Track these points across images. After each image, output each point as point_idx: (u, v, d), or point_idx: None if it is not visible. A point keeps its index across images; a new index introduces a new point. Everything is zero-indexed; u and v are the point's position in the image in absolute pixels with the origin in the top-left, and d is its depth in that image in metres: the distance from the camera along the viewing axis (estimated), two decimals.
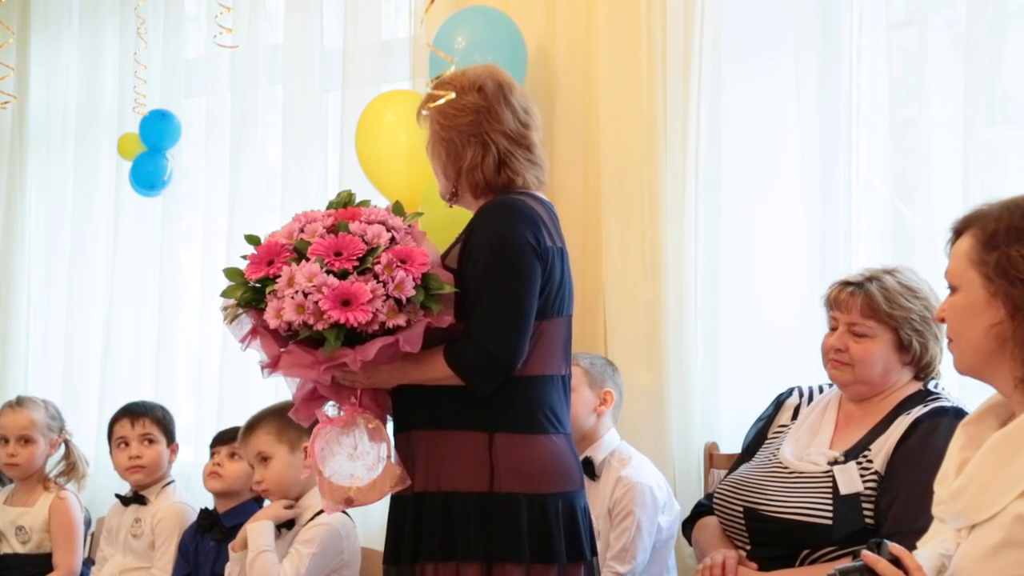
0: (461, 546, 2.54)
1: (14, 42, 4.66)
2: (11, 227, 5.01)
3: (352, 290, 2.41)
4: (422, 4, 3.95)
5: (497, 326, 2.54)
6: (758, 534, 2.80)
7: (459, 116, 2.71)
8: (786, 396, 3.06)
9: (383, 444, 2.62)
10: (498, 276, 2.56)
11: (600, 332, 3.71)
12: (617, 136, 3.68)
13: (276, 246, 2.52)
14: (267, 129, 4.52)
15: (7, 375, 4.96)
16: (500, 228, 2.60)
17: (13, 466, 3.98)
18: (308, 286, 2.41)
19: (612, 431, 3.38)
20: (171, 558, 3.71)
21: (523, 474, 2.57)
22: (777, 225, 3.56)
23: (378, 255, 2.45)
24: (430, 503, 2.59)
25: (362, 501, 2.62)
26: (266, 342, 2.55)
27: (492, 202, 2.68)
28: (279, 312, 2.43)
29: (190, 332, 4.65)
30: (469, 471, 2.56)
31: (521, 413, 2.60)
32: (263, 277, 2.50)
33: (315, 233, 2.51)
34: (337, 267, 2.43)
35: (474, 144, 2.69)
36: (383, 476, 2.59)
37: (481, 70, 2.78)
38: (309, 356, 2.49)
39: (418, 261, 2.47)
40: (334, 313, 2.39)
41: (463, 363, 2.55)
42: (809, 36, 3.54)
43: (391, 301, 2.44)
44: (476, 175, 2.70)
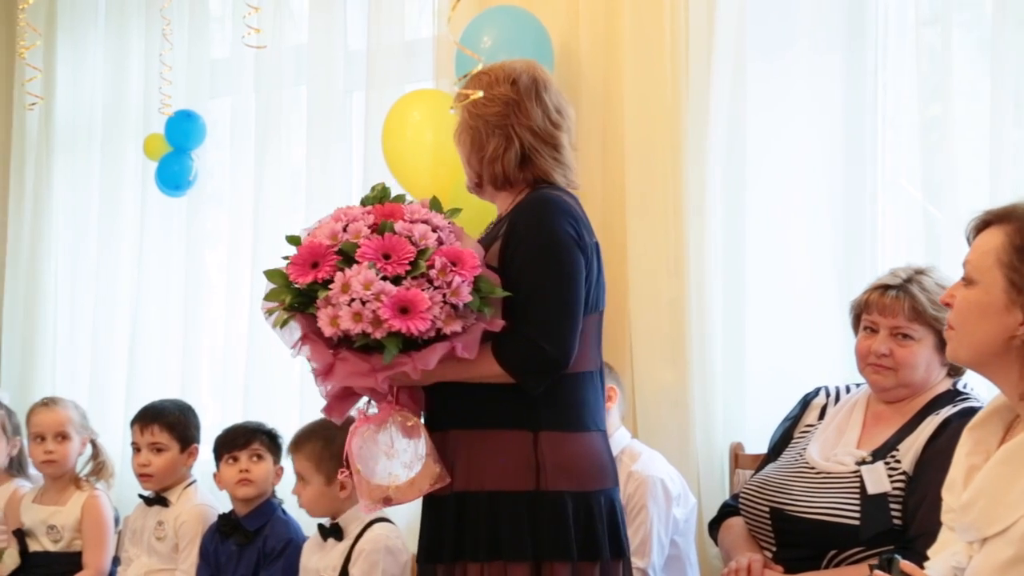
0: (508, 546, 2.53)
1: (41, 44, 4.69)
2: (38, 228, 5.04)
3: (411, 298, 2.37)
4: (446, 4, 3.95)
5: (549, 322, 2.52)
6: (784, 534, 2.79)
7: (488, 106, 2.69)
8: (813, 396, 3.05)
9: (420, 442, 2.59)
10: (547, 273, 2.54)
11: (625, 331, 3.70)
12: (641, 134, 3.68)
13: (319, 247, 2.47)
14: (291, 129, 4.52)
15: (35, 376, 4.98)
16: (544, 224, 2.58)
17: (50, 463, 3.97)
18: (366, 294, 2.37)
19: (621, 429, 3.40)
20: (195, 560, 3.72)
21: (569, 472, 2.56)
22: (802, 224, 3.55)
23: (429, 257, 2.42)
24: (472, 503, 2.57)
25: (400, 500, 2.60)
26: (316, 349, 2.50)
27: (531, 196, 2.66)
28: (334, 319, 2.40)
29: (215, 332, 4.66)
30: (515, 470, 2.55)
31: (564, 410, 2.59)
32: (312, 282, 2.44)
33: (359, 233, 2.46)
34: (390, 272, 2.39)
35: (498, 136, 2.68)
36: (421, 474, 2.57)
37: (521, 64, 2.77)
38: (365, 364, 2.45)
39: (469, 264, 2.44)
40: (395, 323, 2.36)
41: (517, 362, 2.53)
42: (834, 34, 3.53)
43: (448, 307, 2.41)
44: (497, 167, 2.68)
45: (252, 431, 3.71)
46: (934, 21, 3.40)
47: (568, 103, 2.81)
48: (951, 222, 3.30)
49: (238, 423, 3.83)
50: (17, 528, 3.99)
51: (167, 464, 3.81)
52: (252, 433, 3.70)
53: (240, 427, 3.77)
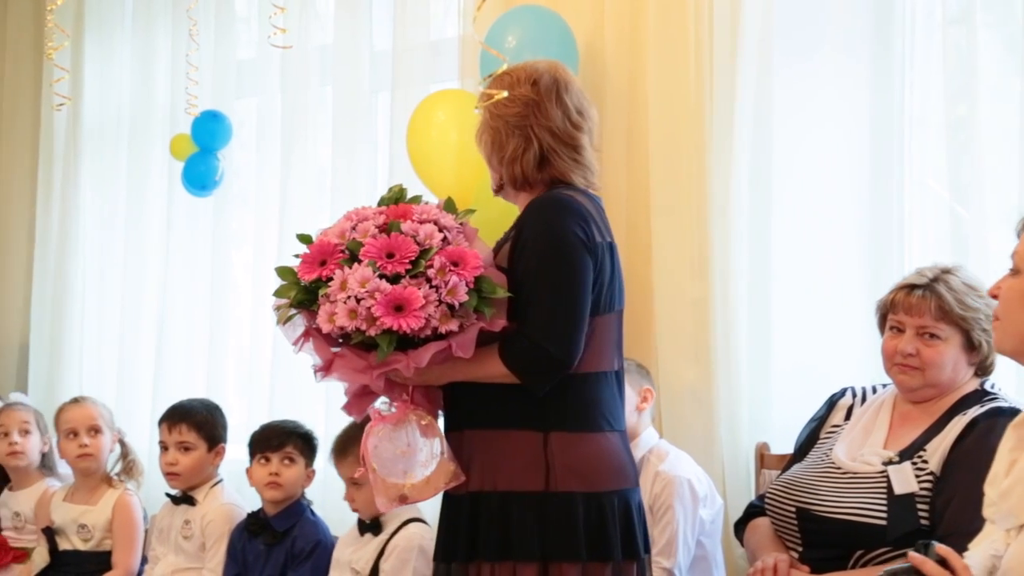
0: (518, 546, 2.54)
1: (69, 45, 4.71)
2: (66, 228, 5.07)
3: (405, 295, 2.40)
4: (471, 4, 3.96)
5: (554, 324, 2.52)
6: (811, 535, 2.78)
7: (508, 107, 2.70)
8: (839, 396, 3.04)
9: (436, 440, 2.61)
10: (551, 273, 2.54)
11: (649, 331, 3.70)
12: (666, 134, 3.67)
13: (328, 246, 2.51)
14: (317, 129, 4.53)
15: (62, 376, 5.01)
16: (550, 224, 2.58)
17: (86, 456, 4.00)
18: (361, 291, 2.40)
19: (650, 428, 3.41)
20: (221, 559, 3.73)
21: (579, 472, 2.56)
22: (829, 224, 3.55)
23: (430, 257, 2.44)
24: (485, 503, 2.58)
25: (416, 498, 2.63)
26: (319, 345, 2.54)
27: (540, 198, 2.66)
28: (331, 316, 2.43)
29: (241, 332, 4.68)
30: (525, 471, 2.56)
31: (575, 411, 2.59)
32: (316, 279, 2.48)
33: (367, 232, 2.49)
34: (390, 270, 2.42)
35: (517, 136, 2.68)
36: (437, 472, 2.58)
37: (544, 65, 2.77)
38: (362, 360, 2.49)
39: (471, 264, 2.46)
40: (387, 320, 2.39)
41: (520, 363, 2.53)
42: (861, 33, 3.52)
43: (444, 306, 2.43)
44: (516, 168, 2.69)
45: (287, 433, 3.71)
46: (961, 20, 3.39)
47: (591, 104, 2.80)
48: (978, 221, 3.30)
49: (275, 422, 3.83)
50: (47, 526, 4.03)
51: (194, 463, 3.83)
52: (287, 435, 3.70)
53: (275, 427, 3.77)
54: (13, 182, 5.28)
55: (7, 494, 4.23)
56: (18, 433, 4.16)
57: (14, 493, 4.22)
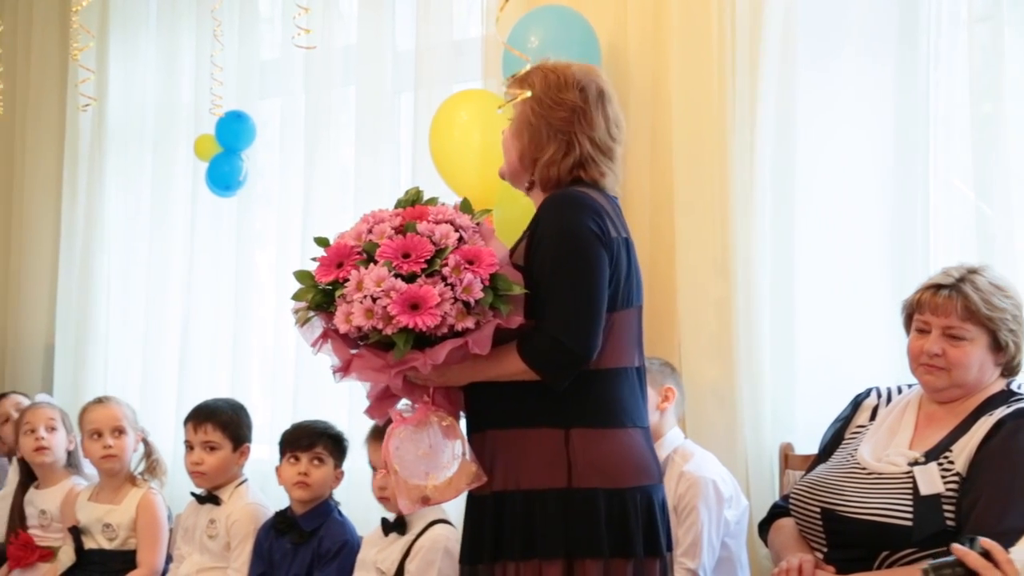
0: (542, 544, 2.53)
1: (94, 46, 4.75)
2: (91, 228, 5.10)
3: (420, 294, 2.41)
4: (494, 4, 3.97)
5: (569, 317, 2.52)
6: (836, 535, 2.77)
7: (554, 110, 2.67)
8: (864, 396, 3.03)
9: (457, 441, 2.61)
10: (566, 268, 2.54)
11: (673, 331, 3.69)
12: (689, 134, 3.67)
13: (345, 248, 2.52)
14: (340, 129, 4.55)
15: (87, 375, 5.04)
16: (564, 220, 2.58)
17: (110, 457, 4.01)
18: (376, 290, 2.41)
19: (675, 428, 3.40)
20: (247, 559, 3.74)
21: (601, 469, 2.55)
22: (853, 222, 3.54)
23: (446, 256, 2.45)
24: (510, 502, 2.58)
25: (438, 499, 2.63)
26: (337, 346, 2.55)
27: (553, 195, 2.66)
28: (348, 317, 2.44)
29: (265, 331, 4.69)
30: (547, 468, 2.55)
31: (595, 407, 2.59)
32: (333, 281, 2.50)
33: (383, 234, 2.50)
34: (405, 270, 2.43)
35: (559, 140, 2.67)
36: (459, 474, 2.59)
37: (584, 70, 2.74)
38: (379, 360, 2.49)
39: (486, 262, 2.46)
40: (403, 318, 2.39)
41: (537, 357, 2.53)
42: (886, 31, 3.52)
43: (459, 304, 2.43)
44: (551, 171, 2.68)
45: (318, 433, 3.72)
46: (986, 18, 3.38)
47: (623, 114, 2.80)
48: (1004, 220, 3.28)
49: (306, 422, 3.83)
50: (73, 525, 4.05)
51: (220, 463, 3.84)
52: (317, 436, 3.71)
53: (306, 427, 3.77)
54: (39, 183, 5.31)
55: (33, 492, 4.26)
56: (44, 429, 4.19)
57: (40, 491, 4.24)
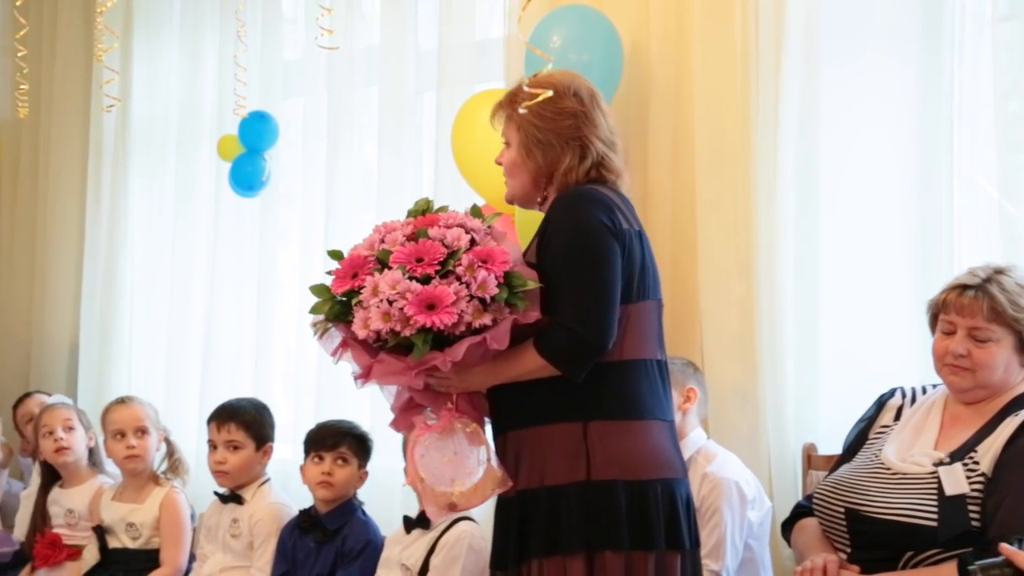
0: (565, 539, 2.53)
1: (118, 46, 4.77)
2: (114, 228, 5.12)
3: (436, 293, 2.42)
4: (516, 4, 3.97)
5: (583, 308, 2.52)
6: (860, 535, 2.76)
7: (559, 119, 2.70)
8: (888, 396, 3.02)
9: (482, 447, 2.62)
10: (576, 259, 2.55)
11: (695, 330, 3.69)
12: (712, 133, 3.66)
13: (359, 259, 2.55)
14: (363, 129, 4.56)
15: (111, 375, 5.06)
16: (574, 214, 2.59)
17: (133, 458, 4.03)
18: (392, 293, 2.42)
19: (698, 429, 3.38)
20: (270, 558, 3.75)
21: (620, 460, 2.55)
22: (876, 222, 3.52)
23: (459, 257, 2.46)
24: (533, 500, 2.58)
25: (465, 505, 2.64)
26: (357, 353, 2.56)
27: (563, 194, 2.68)
28: (366, 322, 2.45)
29: (287, 331, 4.70)
30: (567, 463, 2.55)
31: (614, 400, 2.58)
32: (349, 290, 2.52)
33: (396, 242, 2.53)
34: (419, 272, 2.45)
35: (573, 147, 2.69)
36: (484, 480, 2.60)
37: (568, 76, 2.78)
38: (400, 363, 2.50)
39: (499, 260, 2.48)
40: (420, 318, 2.41)
41: (554, 350, 2.53)
42: (909, 29, 3.50)
43: (475, 301, 2.45)
44: (571, 177, 2.69)
45: (342, 433, 3.73)
46: (1011, 17, 3.37)
47: None
48: None
49: (331, 421, 3.84)
50: (97, 525, 4.07)
51: (243, 462, 3.86)
52: (341, 436, 3.72)
53: (331, 427, 3.78)
54: (63, 183, 5.34)
55: (58, 492, 4.28)
56: (62, 430, 4.21)
57: (66, 491, 4.26)
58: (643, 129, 3.79)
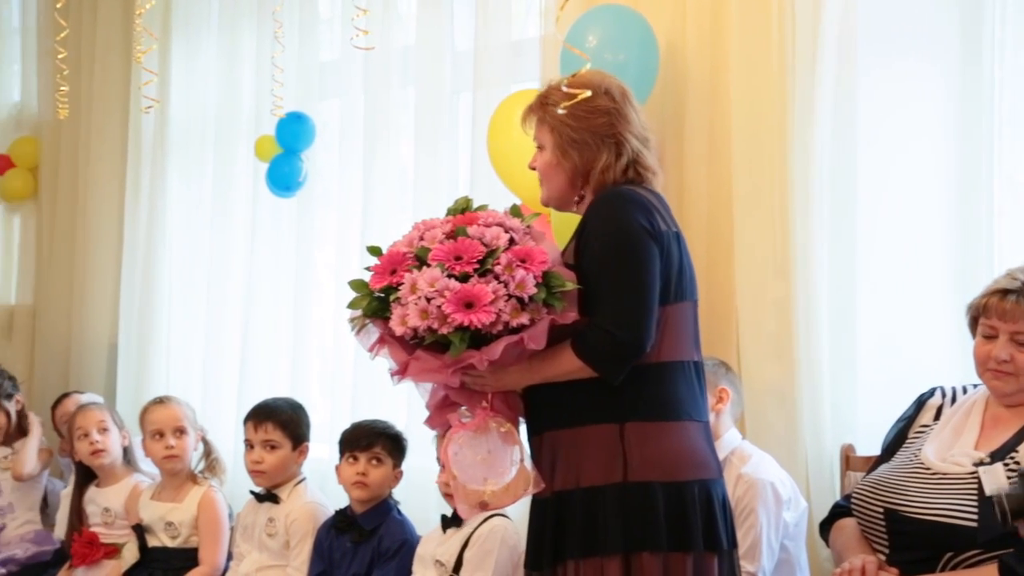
0: (602, 540, 2.53)
1: (156, 48, 4.78)
2: (153, 229, 5.15)
3: (474, 292, 2.42)
4: (552, 4, 3.96)
5: (621, 310, 2.52)
6: (899, 536, 2.74)
7: (592, 118, 2.69)
8: (928, 396, 3.00)
9: (516, 448, 2.62)
10: (615, 261, 2.54)
11: (732, 330, 3.67)
12: (749, 132, 3.64)
13: (398, 255, 2.55)
14: (399, 130, 4.56)
15: (150, 374, 5.09)
16: (612, 216, 2.59)
17: (172, 457, 4.06)
18: (430, 291, 2.42)
19: (732, 430, 3.37)
20: (306, 558, 3.77)
21: (657, 461, 2.54)
22: (915, 221, 3.50)
23: (498, 256, 2.46)
24: (569, 501, 2.58)
25: (496, 505, 2.65)
26: (394, 350, 2.56)
27: (601, 195, 2.67)
28: (404, 319, 2.45)
29: (324, 331, 4.71)
30: (604, 464, 2.55)
31: (651, 401, 2.58)
32: (387, 286, 2.52)
33: (435, 240, 2.53)
34: (458, 271, 2.44)
35: (609, 145, 2.69)
36: (516, 480, 2.59)
37: (598, 75, 2.77)
38: (436, 360, 2.50)
39: (538, 259, 2.48)
40: (458, 316, 2.41)
41: (592, 351, 2.53)
42: (948, 28, 3.48)
43: (513, 300, 2.44)
44: (608, 176, 2.69)
45: (376, 433, 3.73)
46: None
47: None
48: None
49: (365, 421, 3.85)
50: (136, 523, 4.09)
51: (279, 461, 3.87)
52: (376, 436, 3.72)
53: (365, 427, 3.79)
54: (102, 184, 5.37)
55: (94, 491, 4.31)
56: (97, 432, 4.24)
57: (102, 490, 4.29)
58: (679, 129, 3.78)
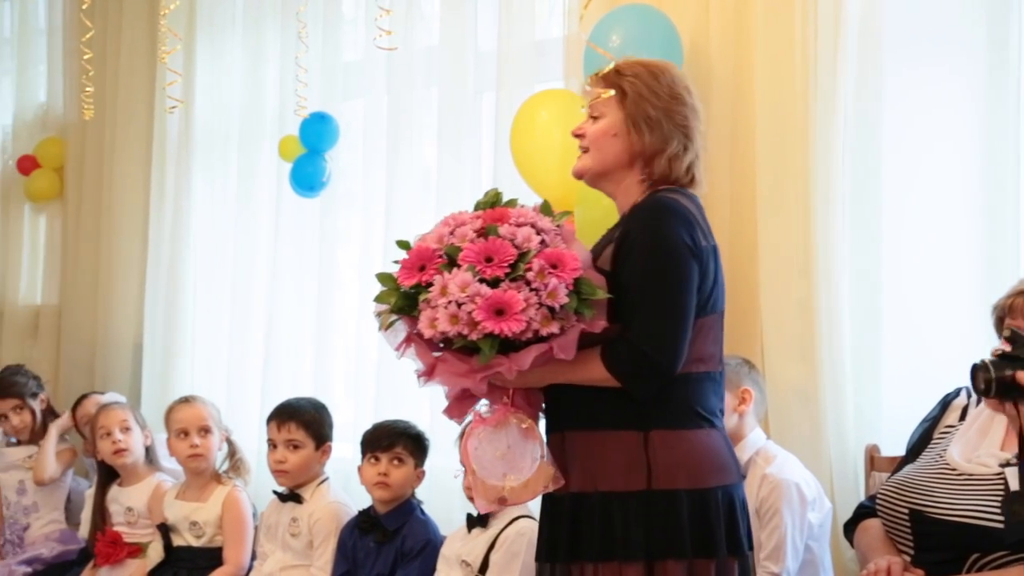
0: (622, 546, 2.52)
1: (181, 48, 4.81)
2: (178, 229, 5.16)
3: (505, 299, 2.39)
4: (576, 4, 3.96)
5: (656, 330, 2.51)
6: (924, 537, 2.73)
7: (674, 103, 2.68)
8: (953, 396, 2.98)
9: (536, 443, 2.59)
10: (656, 279, 2.53)
11: (756, 330, 3.66)
12: (772, 132, 3.64)
13: (427, 251, 2.51)
14: (422, 130, 4.56)
15: (174, 374, 5.10)
16: (657, 229, 2.56)
17: (196, 456, 4.08)
18: (462, 296, 2.40)
19: (757, 430, 3.36)
20: (330, 558, 3.78)
21: (681, 469, 2.54)
22: (940, 220, 3.49)
23: (529, 260, 2.43)
24: (587, 504, 2.57)
25: (515, 500, 2.62)
26: (421, 350, 2.54)
27: (646, 202, 2.65)
28: (433, 322, 2.43)
29: (347, 331, 4.72)
30: (625, 471, 2.54)
31: (676, 410, 2.57)
32: (416, 284, 2.49)
33: (465, 237, 2.49)
34: (489, 274, 2.41)
35: (679, 136, 2.67)
36: (536, 476, 2.57)
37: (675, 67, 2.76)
38: (464, 364, 2.48)
39: (570, 266, 2.44)
40: (488, 324, 2.38)
41: (621, 367, 2.52)
42: (974, 27, 3.45)
43: (544, 309, 2.42)
44: (674, 167, 2.67)
45: (397, 434, 3.74)
46: None
47: None
48: None
49: (386, 422, 3.85)
50: (161, 523, 4.11)
51: (303, 461, 3.88)
52: (397, 436, 3.73)
53: (386, 427, 3.79)
54: (127, 184, 5.39)
55: (116, 490, 4.33)
56: (119, 431, 4.26)
57: (124, 489, 4.31)
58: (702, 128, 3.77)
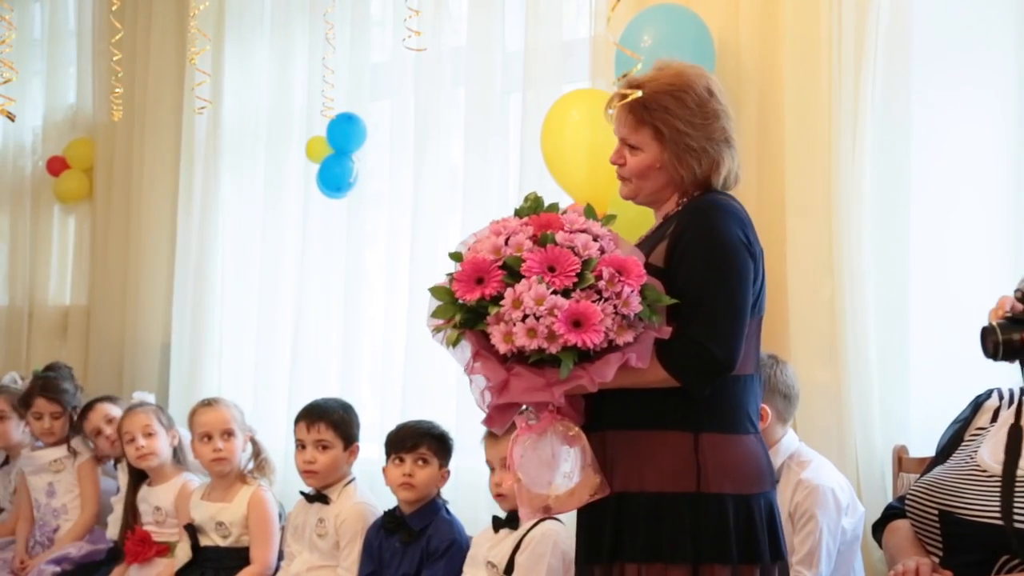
0: (668, 548, 2.51)
1: (210, 49, 4.82)
2: (206, 229, 5.18)
3: (583, 311, 2.36)
4: (604, 4, 3.95)
5: (718, 326, 2.50)
6: (953, 539, 2.71)
7: (710, 124, 2.65)
8: (984, 398, 2.96)
9: (581, 452, 2.57)
10: (717, 276, 2.52)
11: (784, 331, 3.64)
12: (801, 132, 3.63)
13: (483, 263, 2.45)
14: (450, 130, 4.57)
15: (202, 374, 5.13)
16: (715, 227, 2.56)
17: (220, 460, 4.09)
18: (539, 309, 2.35)
19: (790, 434, 3.34)
20: (356, 558, 3.78)
21: (729, 474, 2.54)
22: (969, 219, 3.47)
23: (594, 268, 2.41)
24: (632, 504, 2.56)
25: (560, 509, 2.62)
26: (489, 365, 2.47)
27: (702, 202, 2.65)
28: (508, 336, 2.38)
29: (374, 331, 4.72)
30: (676, 472, 2.53)
31: (726, 413, 2.57)
32: (480, 299, 2.43)
33: (521, 246, 2.45)
34: (559, 285, 2.38)
35: (725, 149, 2.67)
36: (581, 484, 2.56)
37: (693, 69, 2.71)
38: (540, 379, 2.44)
39: (635, 272, 2.42)
40: (571, 337, 2.35)
41: (684, 365, 2.50)
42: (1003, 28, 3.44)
43: (619, 318, 2.40)
44: (730, 178, 2.69)
45: (421, 434, 3.74)
46: None
47: None
48: None
49: (410, 422, 3.85)
50: (188, 523, 4.12)
51: (331, 461, 3.88)
52: (421, 436, 3.73)
53: (410, 428, 3.79)
54: (156, 184, 5.43)
55: (146, 490, 4.35)
56: (142, 436, 4.27)
57: (153, 488, 4.33)
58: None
